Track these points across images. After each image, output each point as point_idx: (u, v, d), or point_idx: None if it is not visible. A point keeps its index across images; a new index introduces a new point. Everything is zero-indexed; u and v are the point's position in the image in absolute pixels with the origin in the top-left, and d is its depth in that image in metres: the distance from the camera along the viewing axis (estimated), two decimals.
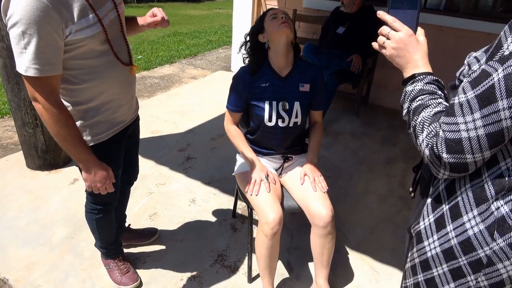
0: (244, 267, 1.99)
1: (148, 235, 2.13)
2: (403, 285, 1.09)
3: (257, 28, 1.71)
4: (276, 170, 1.89)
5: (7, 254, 2.00)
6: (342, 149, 3.26)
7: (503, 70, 0.70)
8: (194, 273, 1.95)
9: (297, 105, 1.74)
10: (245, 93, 1.73)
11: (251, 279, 1.92)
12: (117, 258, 1.87)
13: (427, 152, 0.82)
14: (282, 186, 1.87)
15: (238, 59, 1.59)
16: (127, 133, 1.63)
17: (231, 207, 2.39)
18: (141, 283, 1.87)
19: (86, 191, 1.64)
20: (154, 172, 2.75)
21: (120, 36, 1.41)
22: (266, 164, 1.85)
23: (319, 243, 1.70)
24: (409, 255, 1.02)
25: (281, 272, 1.99)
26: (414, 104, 0.87)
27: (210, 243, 2.15)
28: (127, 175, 1.82)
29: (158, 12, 1.54)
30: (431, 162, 0.82)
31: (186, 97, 4.16)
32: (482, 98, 0.73)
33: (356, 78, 3.55)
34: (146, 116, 3.58)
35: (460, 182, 0.86)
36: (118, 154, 1.60)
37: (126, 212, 2.05)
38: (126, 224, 2.09)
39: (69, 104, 1.36)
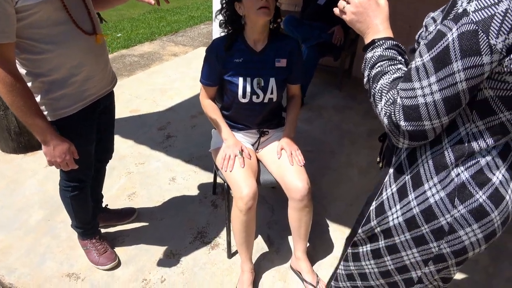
0: (224, 243, 1.98)
1: (126, 215, 2.10)
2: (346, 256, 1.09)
3: None
4: (253, 145, 1.86)
5: None
6: (325, 123, 3.24)
7: (457, 29, 0.66)
8: (174, 250, 1.94)
9: (272, 81, 1.68)
10: (218, 67, 1.67)
11: (230, 255, 1.92)
12: (94, 238, 1.85)
13: (385, 120, 0.79)
14: (259, 161, 1.84)
15: (219, 35, 1.51)
16: (99, 108, 1.58)
17: (212, 184, 2.37)
18: (119, 263, 1.85)
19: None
20: (133, 151, 2.70)
21: (81, 4, 1.36)
22: (242, 139, 1.82)
23: (296, 217, 1.70)
24: (362, 229, 1.00)
25: (261, 246, 1.99)
26: (374, 71, 0.84)
27: (190, 221, 2.14)
28: (101, 153, 1.78)
29: None
30: (390, 131, 0.80)
31: (166, 75, 4.07)
32: (438, 60, 0.70)
33: (338, 50, 3.49)
34: (125, 95, 3.48)
35: (421, 150, 0.84)
36: (88, 129, 1.56)
37: (104, 193, 2.02)
38: (104, 204, 2.06)
39: (33, 76, 1.33)
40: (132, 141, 2.82)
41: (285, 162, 1.70)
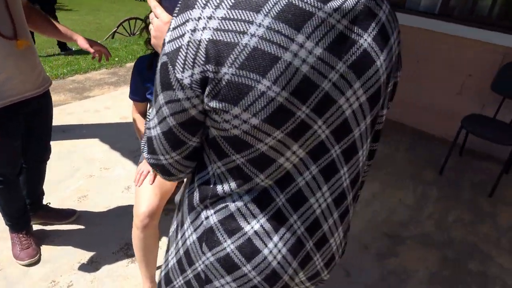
0: None
1: (66, 216, 2.16)
2: None
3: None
4: None
5: None
6: None
7: (159, 59, 0.62)
8: (95, 258, 1.96)
9: None
10: (140, 84, 1.70)
11: None
12: (21, 232, 1.92)
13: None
14: None
15: None
16: (27, 109, 1.67)
17: None
18: (38, 261, 1.90)
19: None
20: (103, 156, 2.79)
21: (4, 11, 1.46)
22: None
23: None
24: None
25: None
26: None
27: (124, 231, 2.15)
28: (35, 153, 1.87)
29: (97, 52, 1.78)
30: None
31: None
32: (154, 92, 0.66)
33: None
34: (123, 102, 3.62)
35: (185, 186, 0.79)
36: (9, 128, 1.64)
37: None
38: (45, 202, 2.14)
39: None
40: (108, 147, 2.92)
41: None
